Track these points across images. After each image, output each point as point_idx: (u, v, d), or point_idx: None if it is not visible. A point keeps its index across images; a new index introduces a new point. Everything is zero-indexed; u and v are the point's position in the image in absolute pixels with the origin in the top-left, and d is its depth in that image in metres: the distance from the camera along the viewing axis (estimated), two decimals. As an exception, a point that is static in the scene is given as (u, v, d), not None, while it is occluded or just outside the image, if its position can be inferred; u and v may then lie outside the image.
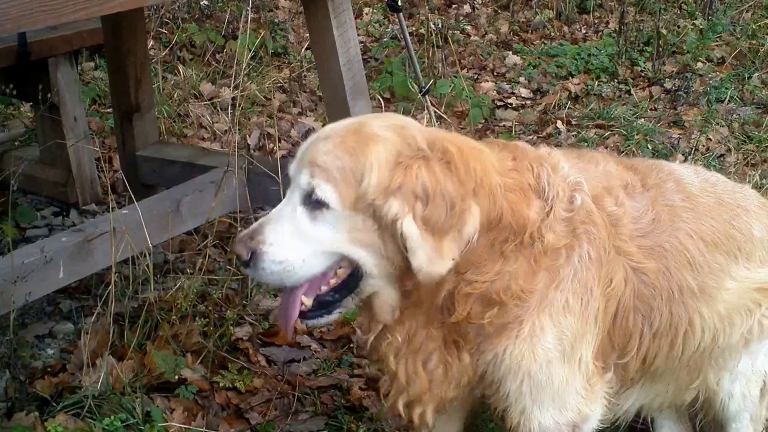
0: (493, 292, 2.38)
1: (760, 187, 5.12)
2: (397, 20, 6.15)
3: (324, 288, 2.45)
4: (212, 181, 4.17)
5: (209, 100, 6.37)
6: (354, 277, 2.40)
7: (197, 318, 3.78)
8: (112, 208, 3.70)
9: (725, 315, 2.81)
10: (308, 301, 2.45)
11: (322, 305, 2.47)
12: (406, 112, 6.16)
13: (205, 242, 4.21)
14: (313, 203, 2.30)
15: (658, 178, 2.80)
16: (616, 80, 7.00)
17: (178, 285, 3.86)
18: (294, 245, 2.35)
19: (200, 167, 4.43)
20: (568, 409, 2.60)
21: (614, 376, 2.69)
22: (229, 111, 6.17)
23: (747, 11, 8.22)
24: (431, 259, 2.26)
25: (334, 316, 2.50)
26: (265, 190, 4.34)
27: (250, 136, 5.87)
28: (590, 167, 2.71)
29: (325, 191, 2.28)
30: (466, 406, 2.94)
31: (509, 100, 6.79)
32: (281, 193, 4.18)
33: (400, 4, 4.79)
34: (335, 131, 2.38)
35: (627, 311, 2.61)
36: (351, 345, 3.96)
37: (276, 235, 2.35)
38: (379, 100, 6.14)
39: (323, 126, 3.09)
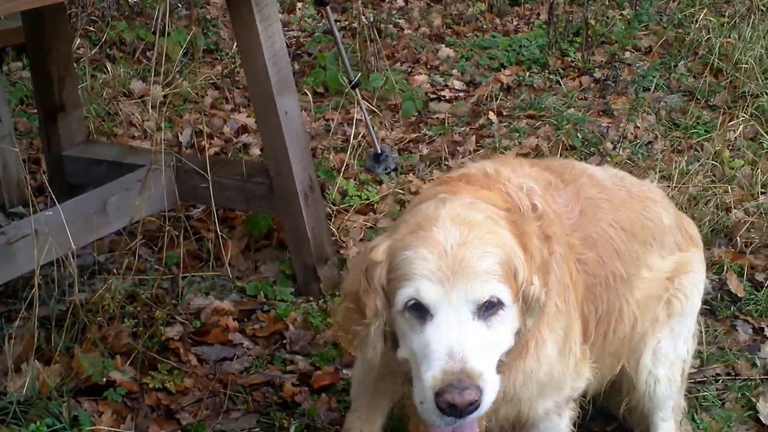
0: None
1: (686, 173, 5.21)
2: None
3: None
4: (140, 179, 4.13)
5: (140, 98, 6.29)
6: None
7: (126, 319, 3.74)
8: (36, 210, 3.64)
9: (642, 303, 2.89)
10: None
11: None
12: (340, 106, 6.17)
13: (134, 242, 4.16)
14: (487, 310, 2.22)
15: (572, 174, 2.90)
16: (546, 71, 7.05)
17: (105, 286, 3.81)
18: (491, 366, 2.23)
19: (128, 166, 4.37)
20: (564, 390, 2.70)
21: None
22: (160, 109, 6.12)
23: (673, 1, 8.33)
24: None
25: None
26: (194, 187, 4.32)
27: (181, 133, 5.81)
28: (519, 171, 2.76)
29: (500, 292, 2.22)
30: (388, 404, 3.01)
31: (442, 93, 6.81)
32: (210, 190, 4.20)
33: (326, -2, 4.77)
34: (461, 231, 2.24)
35: (583, 299, 2.70)
36: (284, 341, 3.96)
37: (482, 362, 2.18)
38: (307, 94, 6.11)
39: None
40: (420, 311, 2.21)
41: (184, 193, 4.36)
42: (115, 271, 3.96)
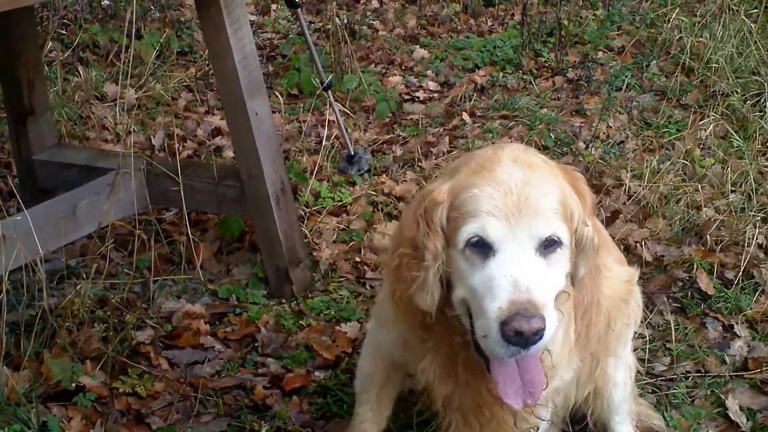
0: None
1: (658, 172, 5.25)
2: (304, 16, 6.15)
3: None
4: (110, 183, 4.10)
5: (113, 101, 6.26)
6: None
7: (96, 323, 3.73)
8: (5, 215, 3.63)
9: (612, 301, 2.92)
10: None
11: None
12: (314, 108, 6.17)
13: (105, 245, 4.14)
14: (547, 248, 2.26)
15: None
16: (520, 71, 7.07)
17: (75, 291, 3.79)
18: (551, 300, 2.26)
19: (99, 170, 4.35)
20: (555, 380, 2.69)
21: None
22: (133, 112, 6.10)
23: (646, 1, 8.38)
24: None
25: None
26: (165, 191, 4.31)
27: (154, 136, 5.80)
28: None
29: (560, 230, 2.27)
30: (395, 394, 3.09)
31: (417, 94, 6.82)
32: (181, 193, 4.19)
33: (297, 0, 4.76)
34: (523, 171, 2.30)
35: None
36: (255, 344, 3.95)
37: (545, 294, 2.22)
38: (279, 96, 6.11)
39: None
40: (482, 248, 2.24)
41: (156, 197, 4.34)
42: (84, 275, 3.94)
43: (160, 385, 3.60)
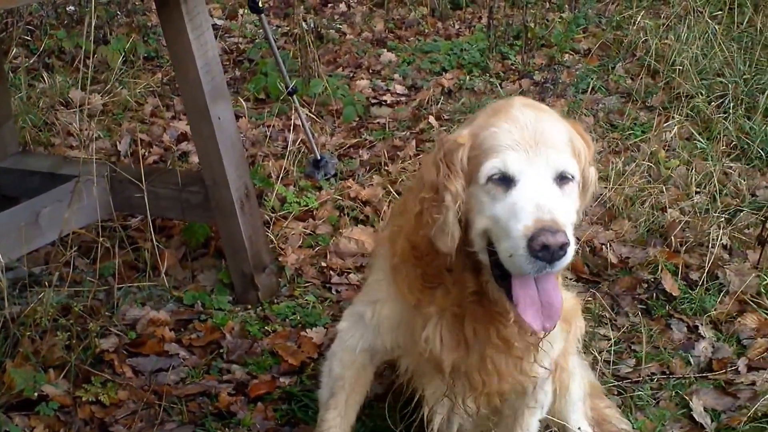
0: None
1: (623, 174, 5.28)
2: (270, 21, 6.15)
3: None
4: (72, 191, 4.08)
5: (80, 107, 6.22)
6: None
7: (59, 332, 3.70)
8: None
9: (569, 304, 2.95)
10: None
11: None
12: (281, 113, 6.15)
13: (68, 253, 4.11)
14: (561, 180, 2.39)
15: None
16: (487, 74, 7.09)
17: (38, 299, 3.76)
18: (570, 225, 2.38)
19: (62, 177, 4.31)
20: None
21: None
22: (99, 118, 6.07)
23: (612, 3, 8.43)
24: None
25: None
26: (129, 197, 4.28)
27: (120, 142, 5.76)
28: None
29: (572, 165, 2.41)
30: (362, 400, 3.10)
31: (384, 98, 6.81)
32: (145, 200, 4.16)
33: (261, 5, 4.75)
34: (544, 117, 2.44)
35: None
36: (220, 350, 3.94)
37: (564, 217, 2.34)
38: (243, 101, 6.09)
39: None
40: (503, 180, 2.36)
41: (119, 204, 4.31)
42: (47, 283, 3.91)
43: (124, 393, 3.58)
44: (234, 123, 4.10)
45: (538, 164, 2.35)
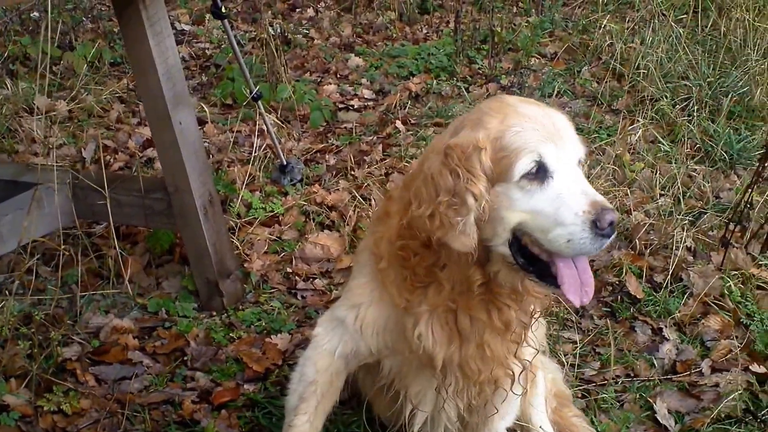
0: None
1: (589, 177, 5.29)
2: (238, 26, 6.11)
3: None
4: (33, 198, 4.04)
5: (45, 113, 6.17)
6: None
7: (20, 341, 3.66)
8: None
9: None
10: None
11: None
12: (247, 118, 6.13)
13: (31, 261, 4.07)
14: (579, 164, 2.51)
15: None
16: (454, 78, 7.10)
17: (-1, 308, 3.74)
18: None
19: (24, 184, 4.26)
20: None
21: None
22: (64, 124, 6.02)
23: (578, 7, 8.47)
24: None
25: None
26: (92, 205, 4.25)
27: (84, 149, 5.72)
28: None
29: (584, 150, 2.54)
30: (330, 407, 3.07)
31: (351, 102, 6.81)
32: (108, 207, 4.13)
33: (224, 10, 4.73)
34: (547, 110, 2.52)
35: None
36: (185, 358, 3.91)
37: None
38: (212, 106, 6.07)
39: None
40: (537, 175, 2.43)
41: (82, 211, 4.28)
42: (8, 292, 3.87)
43: (87, 402, 3.55)
44: (197, 129, 4.07)
45: (566, 155, 2.45)
